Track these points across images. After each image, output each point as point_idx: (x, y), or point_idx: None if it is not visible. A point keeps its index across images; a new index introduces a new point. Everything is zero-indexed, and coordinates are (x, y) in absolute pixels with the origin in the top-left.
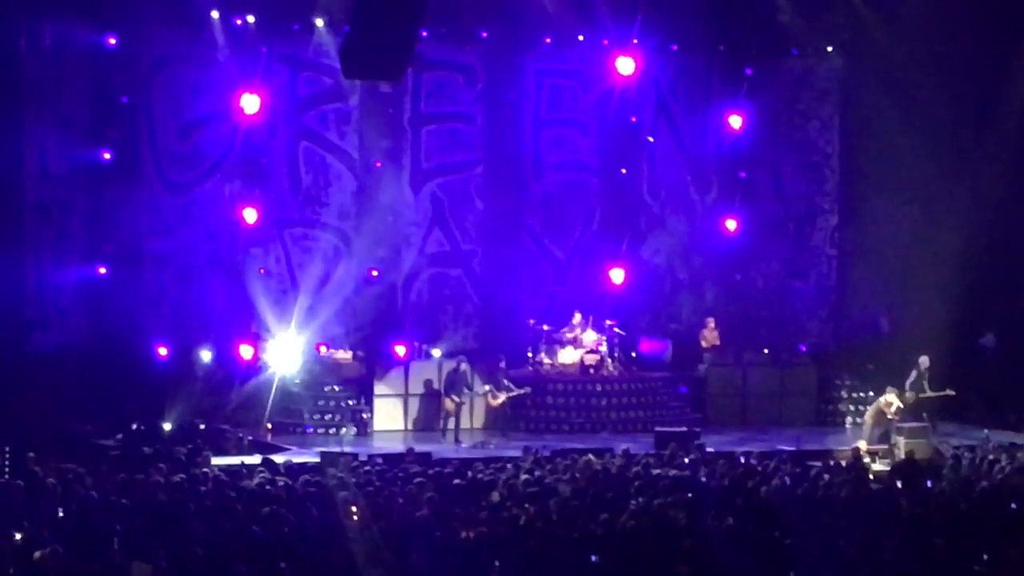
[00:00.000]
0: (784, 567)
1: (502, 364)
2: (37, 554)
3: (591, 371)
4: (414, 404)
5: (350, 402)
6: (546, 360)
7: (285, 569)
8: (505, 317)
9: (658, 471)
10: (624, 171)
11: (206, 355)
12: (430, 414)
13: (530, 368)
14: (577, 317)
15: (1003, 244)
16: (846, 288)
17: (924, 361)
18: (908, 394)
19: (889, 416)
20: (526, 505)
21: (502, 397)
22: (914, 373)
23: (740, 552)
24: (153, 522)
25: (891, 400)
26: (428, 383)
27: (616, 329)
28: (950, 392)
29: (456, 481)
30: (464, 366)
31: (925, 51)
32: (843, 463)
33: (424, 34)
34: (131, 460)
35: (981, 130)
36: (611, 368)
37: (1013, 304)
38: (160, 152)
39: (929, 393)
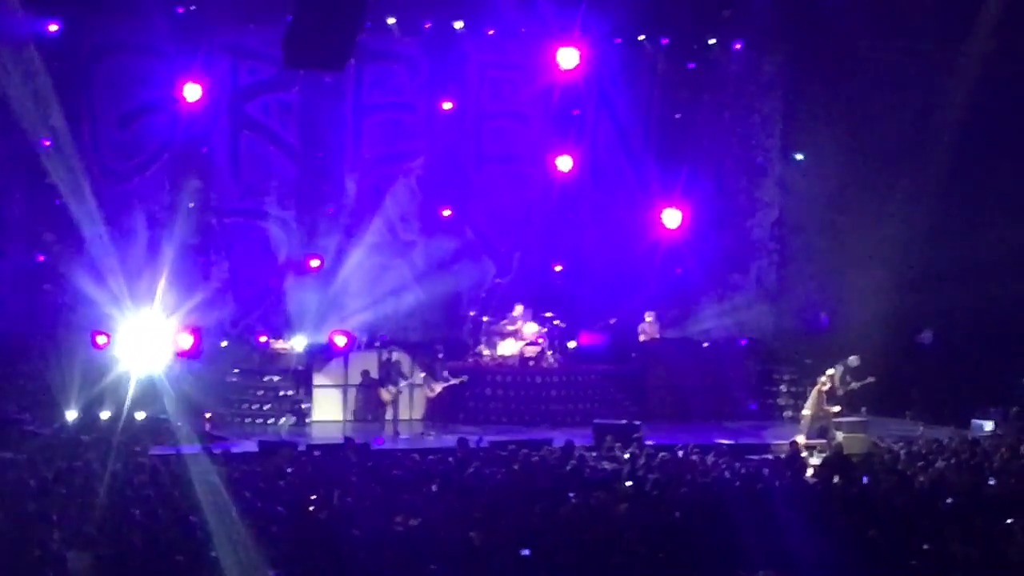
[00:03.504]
0: (723, 559)
1: (440, 355)
2: None
3: (531, 363)
4: (353, 395)
5: (289, 392)
6: (486, 352)
7: (221, 559)
8: (446, 309)
9: (597, 464)
10: (565, 163)
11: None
12: (369, 405)
13: (470, 360)
14: (518, 309)
15: (943, 240)
16: (786, 282)
17: (854, 360)
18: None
19: (824, 391)
20: (464, 497)
21: (439, 388)
22: (840, 368)
23: (680, 545)
24: (92, 512)
25: (825, 380)
26: (366, 374)
27: (556, 321)
28: (871, 379)
29: (395, 472)
30: (395, 355)
31: (867, 47)
32: (781, 457)
33: (367, 24)
34: (69, 448)
35: (922, 126)
36: (551, 360)
37: (951, 300)
38: (100, 140)
39: (852, 385)
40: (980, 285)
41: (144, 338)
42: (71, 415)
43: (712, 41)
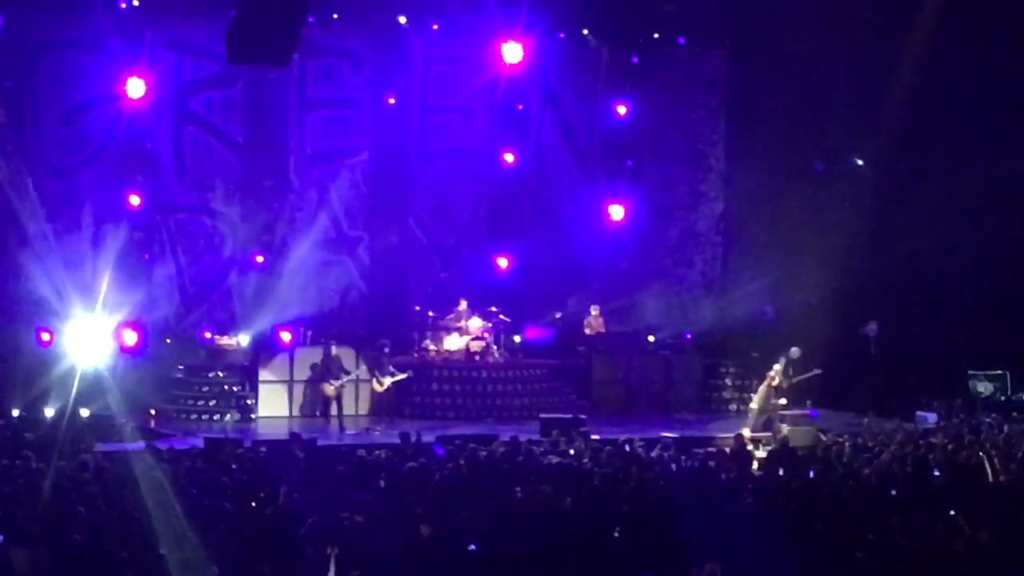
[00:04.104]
0: (669, 553)
1: (386, 349)
2: None
3: (476, 358)
4: (299, 390)
5: (234, 388)
6: (432, 347)
7: (166, 555)
8: (391, 304)
9: (543, 458)
10: (510, 158)
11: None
12: (315, 400)
13: (415, 355)
14: (463, 304)
15: (887, 232)
16: (731, 276)
17: (795, 351)
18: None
19: (774, 385)
20: (411, 492)
21: (387, 382)
22: (782, 360)
23: (626, 538)
24: (35, 509)
25: (773, 375)
26: (315, 368)
27: (501, 316)
28: (817, 371)
29: (341, 468)
30: (335, 350)
31: (810, 42)
32: (727, 450)
33: (311, 19)
34: (13, 446)
35: (865, 119)
36: (496, 355)
37: (896, 292)
38: (44, 137)
39: (794, 379)
40: (924, 277)
41: (89, 335)
42: (15, 412)
43: (655, 35)
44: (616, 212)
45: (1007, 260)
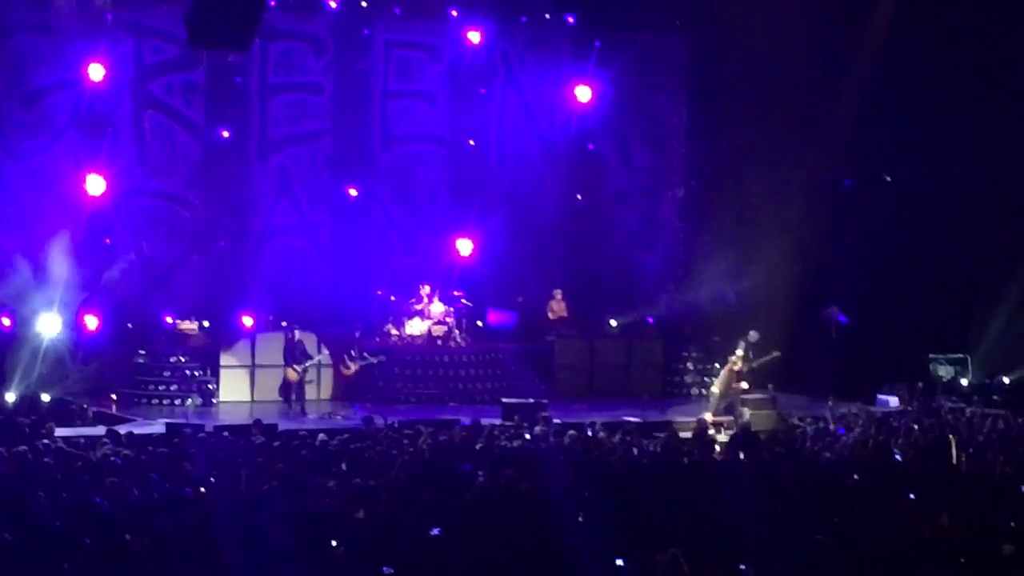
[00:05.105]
0: (631, 538)
1: (357, 334)
2: None
3: (439, 342)
4: (261, 375)
5: (196, 373)
6: (394, 331)
7: (131, 541)
8: (353, 288)
9: (505, 442)
10: (472, 143)
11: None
12: (276, 385)
13: (377, 339)
14: (425, 288)
15: (848, 216)
16: (693, 261)
17: (753, 335)
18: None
19: (735, 370)
20: (373, 476)
21: (355, 367)
22: (742, 344)
23: (588, 522)
24: None
25: (735, 359)
26: (287, 341)
27: (464, 300)
28: (776, 354)
29: (303, 453)
30: (298, 334)
31: (771, 26)
32: (688, 434)
33: (272, 3)
34: None
35: (826, 104)
36: (458, 339)
37: (858, 276)
38: (3, 120)
39: (755, 363)
40: (885, 261)
41: (49, 319)
42: None
43: (618, 19)
44: (578, 196)
45: (969, 244)
